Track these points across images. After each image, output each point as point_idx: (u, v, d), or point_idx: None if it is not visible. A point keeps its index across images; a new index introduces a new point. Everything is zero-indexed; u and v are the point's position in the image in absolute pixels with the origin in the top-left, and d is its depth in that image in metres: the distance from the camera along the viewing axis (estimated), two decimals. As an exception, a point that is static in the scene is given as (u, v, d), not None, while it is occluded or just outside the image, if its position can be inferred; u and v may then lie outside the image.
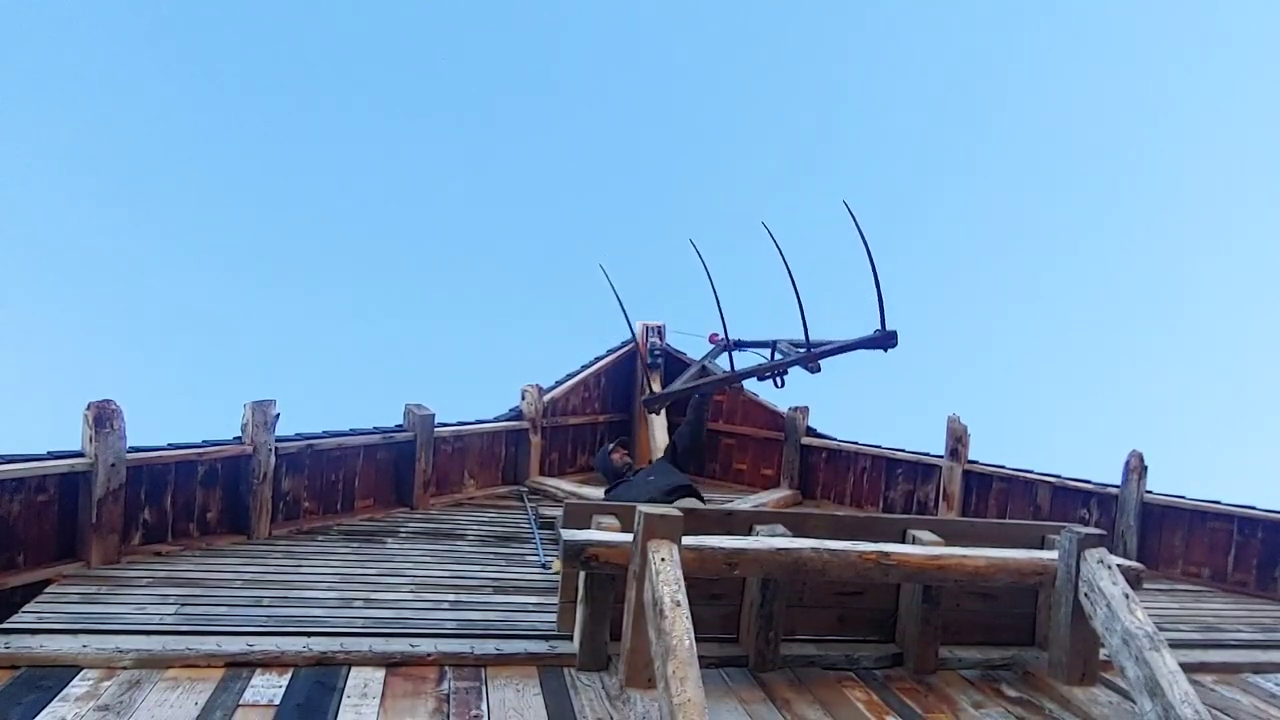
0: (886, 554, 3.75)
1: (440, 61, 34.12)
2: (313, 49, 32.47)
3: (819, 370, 6.99)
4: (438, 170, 33.11)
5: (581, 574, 3.73)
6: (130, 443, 4.80)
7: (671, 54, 34.94)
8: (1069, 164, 33.25)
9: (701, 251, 6.90)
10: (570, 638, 3.89)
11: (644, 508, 3.46)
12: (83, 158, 30.04)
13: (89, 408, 4.65)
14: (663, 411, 8.52)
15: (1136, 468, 6.83)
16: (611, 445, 7.07)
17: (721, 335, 7.69)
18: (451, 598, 4.45)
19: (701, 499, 6.21)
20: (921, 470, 8.08)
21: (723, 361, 7.43)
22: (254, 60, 31.97)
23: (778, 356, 7.26)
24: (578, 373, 9.06)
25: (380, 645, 3.68)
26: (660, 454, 7.91)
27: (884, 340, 6.58)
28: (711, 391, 7.53)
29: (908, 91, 34.69)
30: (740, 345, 7.46)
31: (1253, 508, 6.49)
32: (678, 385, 7.47)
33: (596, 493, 6.90)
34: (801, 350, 6.87)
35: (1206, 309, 31.42)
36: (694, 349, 9.51)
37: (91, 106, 29.41)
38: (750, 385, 8.70)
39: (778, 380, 7.06)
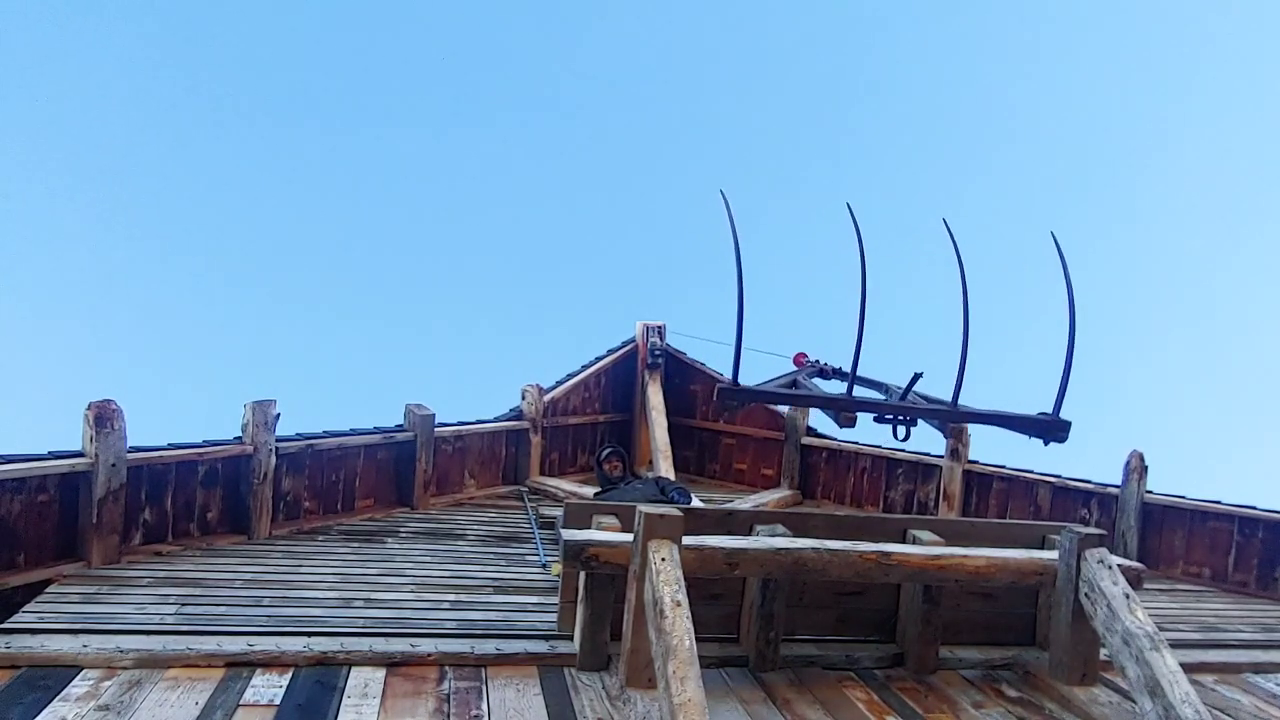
0: (887, 554, 3.75)
1: (441, 64, 34.16)
2: (313, 55, 32.52)
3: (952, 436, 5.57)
4: (440, 172, 33.18)
5: (582, 574, 3.73)
6: (130, 443, 4.81)
7: (674, 58, 34.95)
8: (1078, 166, 33.28)
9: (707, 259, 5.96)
10: (570, 638, 3.90)
11: (644, 507, 3.46)
12: (87, 162, 30.14)
13: (89, 408, 4.66)
14: (664, 415, 8.50)
15: (1137, 468, 6.83)
16: (606, 452, 6.91)
17: (809, 358, 6.79)
18: (452, 598, 4.46)
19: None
20: (921, 470, 8.08)
21: (823, 387, 6.15)
22: (254, 65, 32.03)
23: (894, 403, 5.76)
24: (578, 373, 9.05)
25: (380, 645, 3.68)
26: (661, 455, 7.90)
27: (1051, 429, 5.17)
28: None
29: (916, 92, 34.72)
30: (856, 380, 5.62)
31: (1253, 508, 6.49)
32: (767, 386, 6.07)
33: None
34: (943, 407, 5.46)
35: (1209, 310, 31.44)
36: (694, 350, 9.54)
37: (95, 112, 29.48)
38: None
39: (899, 430, 5.64)
